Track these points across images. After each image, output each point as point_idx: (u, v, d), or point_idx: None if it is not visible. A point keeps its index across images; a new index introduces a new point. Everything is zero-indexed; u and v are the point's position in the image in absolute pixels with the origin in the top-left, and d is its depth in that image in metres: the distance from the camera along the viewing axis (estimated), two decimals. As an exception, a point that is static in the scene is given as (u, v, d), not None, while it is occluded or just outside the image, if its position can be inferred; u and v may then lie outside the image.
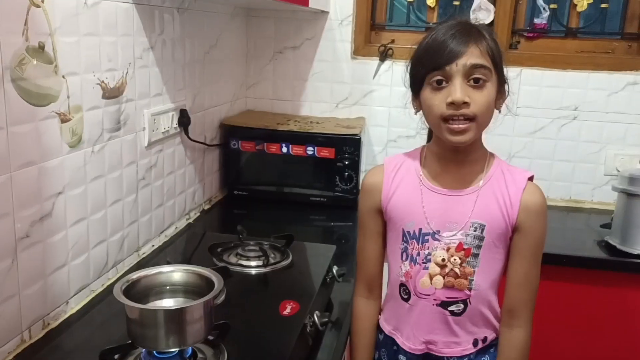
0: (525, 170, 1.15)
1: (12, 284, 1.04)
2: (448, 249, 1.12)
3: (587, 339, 1.78)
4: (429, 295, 1.14)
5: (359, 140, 1.97)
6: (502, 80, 1.09)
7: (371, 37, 2.24)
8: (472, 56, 1.03)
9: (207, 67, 1.84)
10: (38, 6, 1.05)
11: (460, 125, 1.04)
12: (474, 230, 1.11)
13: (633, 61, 2.07)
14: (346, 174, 1.98)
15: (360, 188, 1.22)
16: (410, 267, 1.15)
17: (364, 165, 2.21)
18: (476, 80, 1.03)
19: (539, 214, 1.11)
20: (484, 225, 1.11)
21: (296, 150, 2.00)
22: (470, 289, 1.12)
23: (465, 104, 1.03)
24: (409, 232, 1.14)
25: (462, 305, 1.13)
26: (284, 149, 2.00)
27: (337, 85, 2.24)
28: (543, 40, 2.17)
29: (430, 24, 2.22)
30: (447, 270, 1.12)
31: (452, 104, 1.03)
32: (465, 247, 1.11)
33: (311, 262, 1.46)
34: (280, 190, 2.06)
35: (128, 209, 1.43)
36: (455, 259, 1.11)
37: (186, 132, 1.69)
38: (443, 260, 1.12)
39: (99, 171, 1.29)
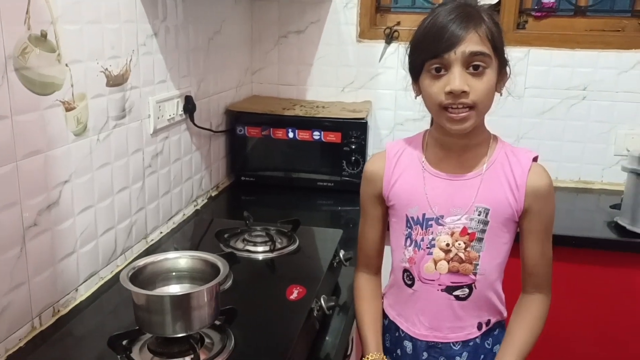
0: (529, 150, 1.13)
1: (22, 272, 1.05)
2: (452, 234, 1.11)
3: (596, 320, 1.78)
4: (433, 280, 1.13)
5: (366, 124, 1.96)
6: (502, 63, 1.07)
7: (377, 20, 2.22)
8: (471, 43, 1.01)
9: (211, 53, 1.84)
10: (39, -6, 1.04)
11: (460, 114, 1.03)
12: (479, 215, 1.10)
13: (643, 39, 2.03)
14: (353, 158, 1.97)
15: (362, 174, 1.22)
16: (414, 253, 1.14)
17: (371, 149, 2.20)
18: (475, 67, 1.01)
19: (547, 196, 1.10)
20: (489, 210, 1.10)
21: (302, 135, 1.99)
22: (475, 274, 1.11)
23: (465, 92, 1.01)
24: (412, 217, 1.14)
25: (467, 290, 1.12)
26: (290, 134, 2.00)
27: (342, 69, 2.23)
28: (551, 19, 2.13)
29: (436, 5, 2.19)
30: (451, 255, 1.11)
31: (450, 93, 1.01)
32: (469, 231, 1.10)
33: (318, 247, 1.47)
34: (287, 176, 2.06)
35: (135, 196, 1.43)
36: (459, 244, 1.10)
37: (192, 119, 1.69)
38: (447, 245, 1.11)
39: (105, 159, 1.29)
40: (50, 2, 1.07)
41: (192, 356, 0.92)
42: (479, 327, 1.16)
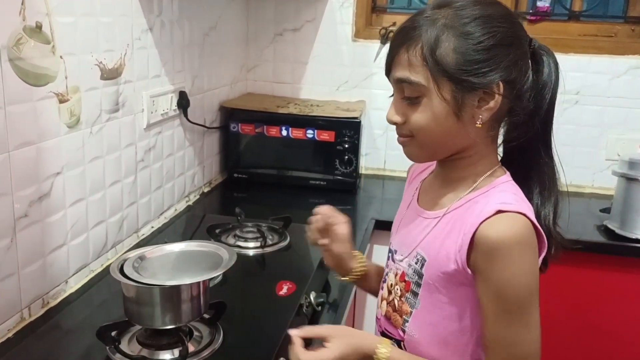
0: (507, 203, 0.83)
1: (11, 262, 1.05)
2: (396, 275, 0.96)
3: (585, 322, 1.79)
4: (379, 318, 1.01)
5: (359, 123, 1.97)
6: (468, 87, 0.83)
7: (372, 20, 2.23)
8: (399, 67, 0.85)
9: (206, 49, 1.84)
10: (34, -15, 1.04)
11: (400, 138, 0.90)
12: (416, 263, 0.92)
13: (635, 45, 2.05)
14: (346, 157, 1.98)
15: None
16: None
17: (364, 149, 2.22)
18: (406, 97, 0.86)
19: (490, 254, 0.81)
20: (425, 260, 0.90)
21: (296, 133, 2.00)
22: (404, 331, 0.93)
23: (396, 123, 0.88)
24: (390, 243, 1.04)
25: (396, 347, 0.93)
26: (284, 132, 2.00)
27: (337, 68, 2.23)
28: (546, 23, 2.15)
29: (432, 6, 2.20)
30: (390, 298, 0.97)
31: None
32: (406, 279, 0.93)
33: (309, 244, 1.47)
34: (280, 174, 2.06)
35: (127, 190, 1.43)
36: (397, 289, 0.95)
37: (185, 115, 1.69)
38: (391, 285, 0.97)
39: (98, 152, 1.29)
40: (45, -6, 1.07)
41: (181, 348, 0.92)
42: None
